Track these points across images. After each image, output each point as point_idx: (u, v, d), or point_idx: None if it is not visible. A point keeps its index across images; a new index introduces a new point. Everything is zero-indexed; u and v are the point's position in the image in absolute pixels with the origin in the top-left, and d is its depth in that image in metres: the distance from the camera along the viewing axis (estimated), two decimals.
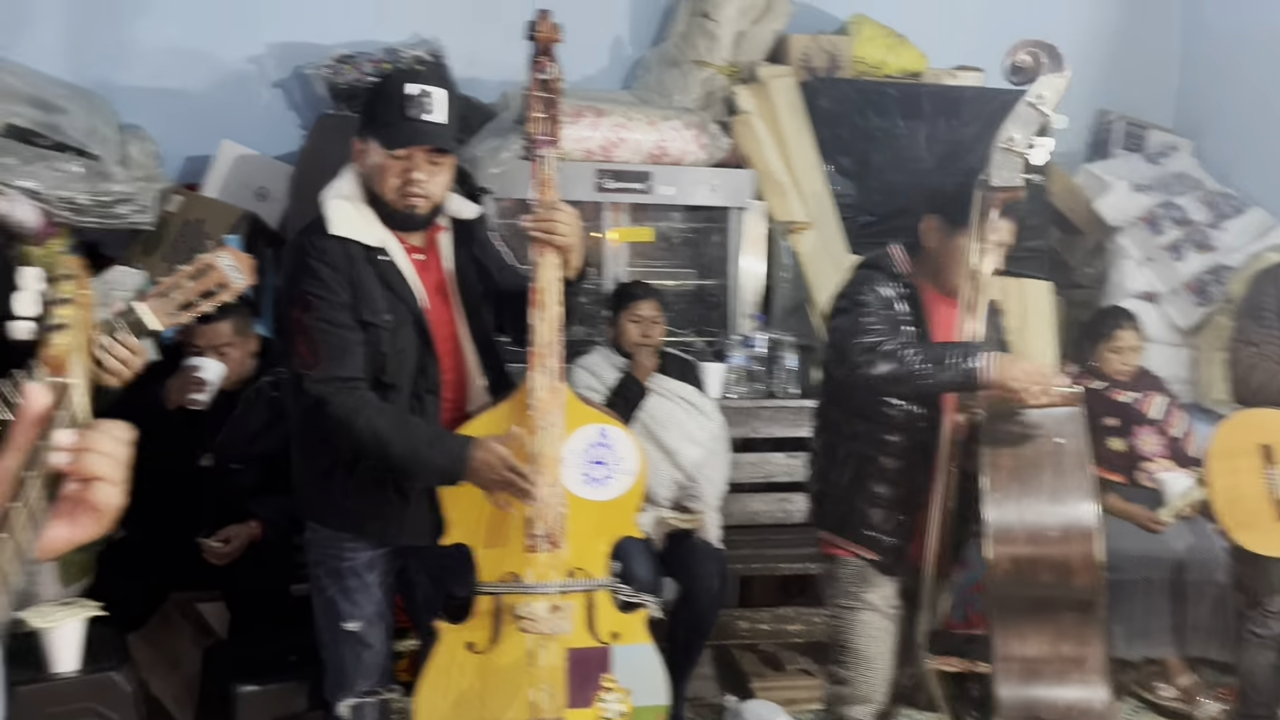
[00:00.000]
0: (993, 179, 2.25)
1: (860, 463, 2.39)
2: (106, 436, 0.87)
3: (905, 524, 2.39)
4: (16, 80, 3.37)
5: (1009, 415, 2.30)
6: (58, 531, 0.86)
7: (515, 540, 2.22)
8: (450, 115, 2.15)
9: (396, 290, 2.17)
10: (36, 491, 0.81)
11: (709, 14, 4.07)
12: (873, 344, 2.23)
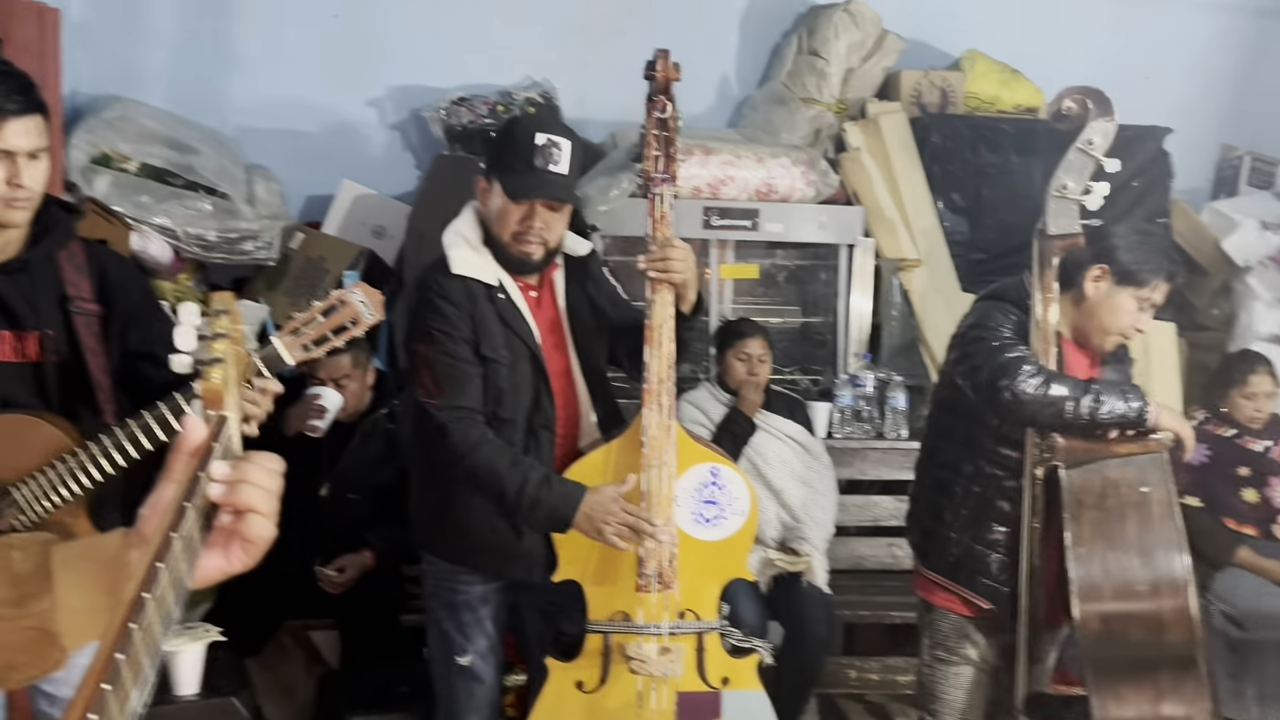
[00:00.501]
0: (1049, 227, 2.24)
1: (979, 504, 2.31)
2: (260, 469, 0.89)
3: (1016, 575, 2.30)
4: (153, 122, 3.55)
5: (1089, 466, 2.20)
6: (211, 561, 0.88)
7: (626, 579, 2.20)
8: (573, 165, 2.17)
9: (513, 327, 2.19)
10: (193, 522, 0.82)
11: (818, 52, 4.06)
12: (1025, 367, 2.15)
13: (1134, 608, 2.13)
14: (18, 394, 1.88)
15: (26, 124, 1.78)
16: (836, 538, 3.42)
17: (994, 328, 2.23)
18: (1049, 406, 2.14)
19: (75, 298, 1.93)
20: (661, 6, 4.17)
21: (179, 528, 0.78)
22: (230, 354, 0.98)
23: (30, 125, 1.78)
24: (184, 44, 3.85)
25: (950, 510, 2.34)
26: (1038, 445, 2.23)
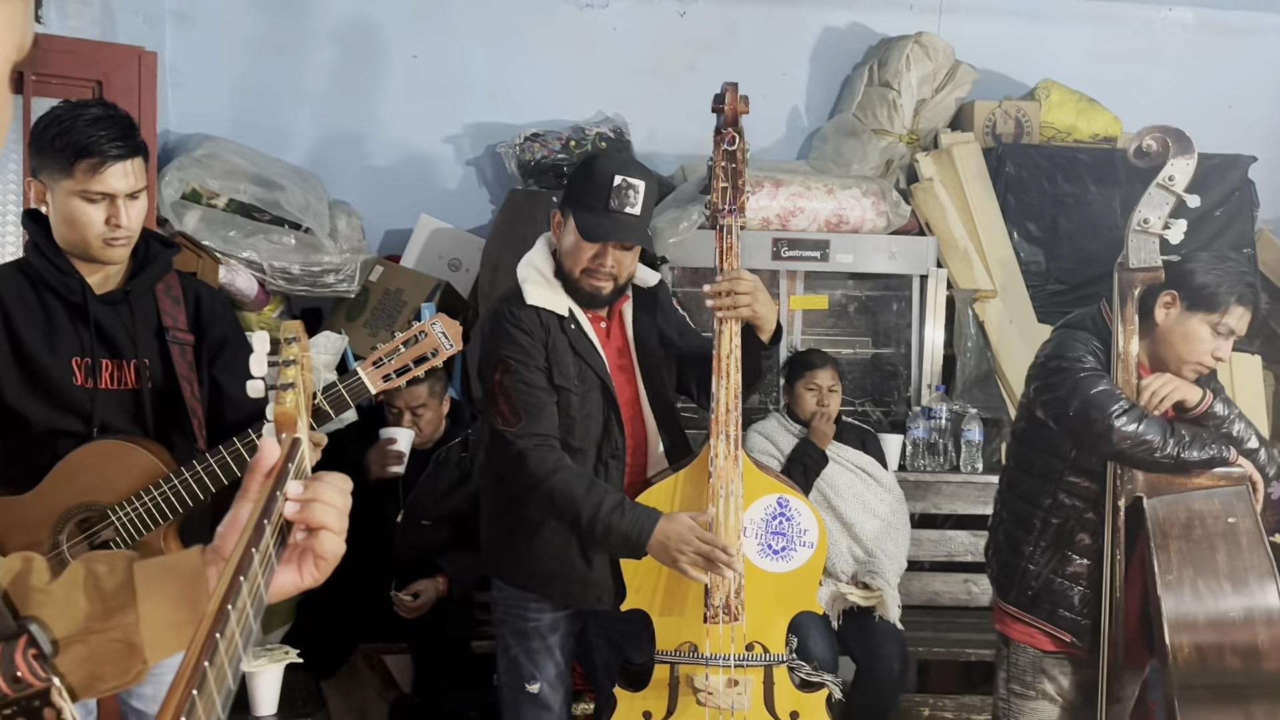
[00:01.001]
0: (1130, 261, 2.24)
1: (1058, 536, 2.28)
2: (331, 488, 0.92)
3: (1097, 608, 2.26)
4: (241, 160, 3.69)
5: (1172, 497, 2.17)
6: (286, 577, 0.92)
7: (693, 610, 2.21)
8: (646, 206, 2.20)
9: (585, 357, 2.23)
10: (270, 538, 0.86)
11: (890, 83, 4.06)
12: (1118, 404, 2.13)
13: (1228, 637, 2.10)
14: (117, 420, 1.97)
15: (126, 167, 1.87)
16: (910, 572, 3.37)
17: (1075, 358, 2.21)
18: (1140, 446, 2.13)
19: (171, 328, 2.02)
20: (733, 43, 4.22)
21: (257, 543, 0.82)
22: (300, 379, 1.02)
23: (130, 168, 1.88)
24: (270, 84, 4.01)
25: (1029, 543, 2.31)
26: (1118, 477, 2.20)
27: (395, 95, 4.09)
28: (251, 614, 0.80)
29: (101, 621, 0.87)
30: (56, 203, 1.88)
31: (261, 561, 0.83)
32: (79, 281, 1.93)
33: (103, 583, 0.89)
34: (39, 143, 1.86)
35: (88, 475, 1.91)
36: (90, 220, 1.87)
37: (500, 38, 4.09)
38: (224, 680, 0.72)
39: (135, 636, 0.88)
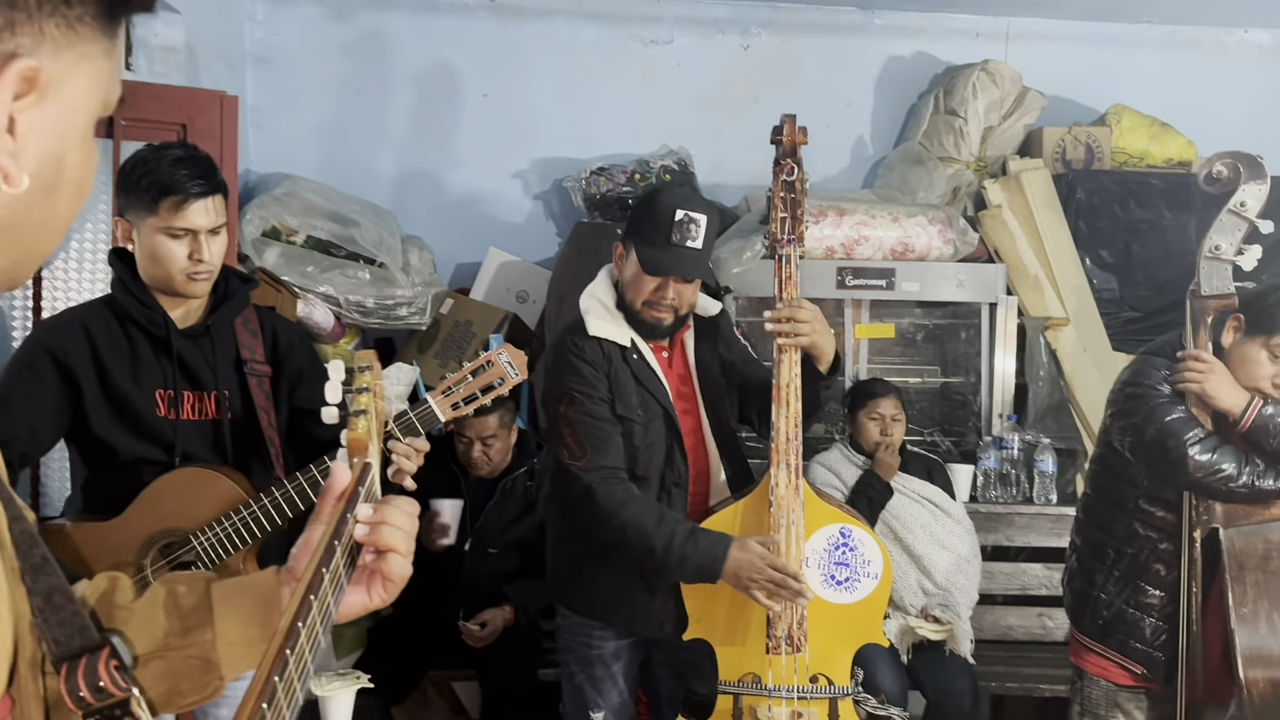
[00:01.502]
0: (1202, 288, 2.21)
1: (1132, 566, 2.23)
2: (399, 512, 0.96)
3: (1172, 641, 2.20)
4: (318, 198, 3.81)
5: (1249, 528, 2.12)
6: (355, 598, 0.95)
7: (755, 640, 2.20)
8: (708, 239, 2.22)
9: (647, 386, 2.26)
10: (340, 558, 0.89)
11: (956, 111, 4.04)
12: (1193, 432, 2.10)
13: None
14: (198, 449, 2.05)
15: (207, 204, 1.96)
16: (982, 606, 3.31)
17: (1151, 385, 2.18)
18: (1214, 475, 2.09)
19: (249, 360, 2.10)
20: (797, 75, 4.25)
21: (328, 563, 0.85)
22: (372, 406, 1.06)
23: (211, 205, 1.97)
24: (346, 125, 4.15)
25: (1101, 572, 2.27)
26: (1194, 507, 2.15)
27: (466, 133, 4.20)
28: (321, 631, 0.83)
29: (180, 639, 0.91)
30: (142, 240, 1.97)
31: (331, 581, 0.87)
32: (162, 316, 2.02)
33: (181, 601, 0.93)
34: (125, 183, 1.96)
35: (171, 502, 1.99)
36: (174, 255, 1.95)
37: (568, 75, 4.18)
38: (293, 694, 0.75)
39: (212, 654, 0.92)
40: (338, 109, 4.15)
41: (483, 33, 4.18)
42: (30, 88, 0.65)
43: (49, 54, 0.65)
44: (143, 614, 0.92)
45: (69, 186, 0.70)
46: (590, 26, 4.21)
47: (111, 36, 0.70)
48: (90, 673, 0.78)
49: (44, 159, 0.67)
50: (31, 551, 0.78)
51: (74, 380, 1.98)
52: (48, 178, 0.68)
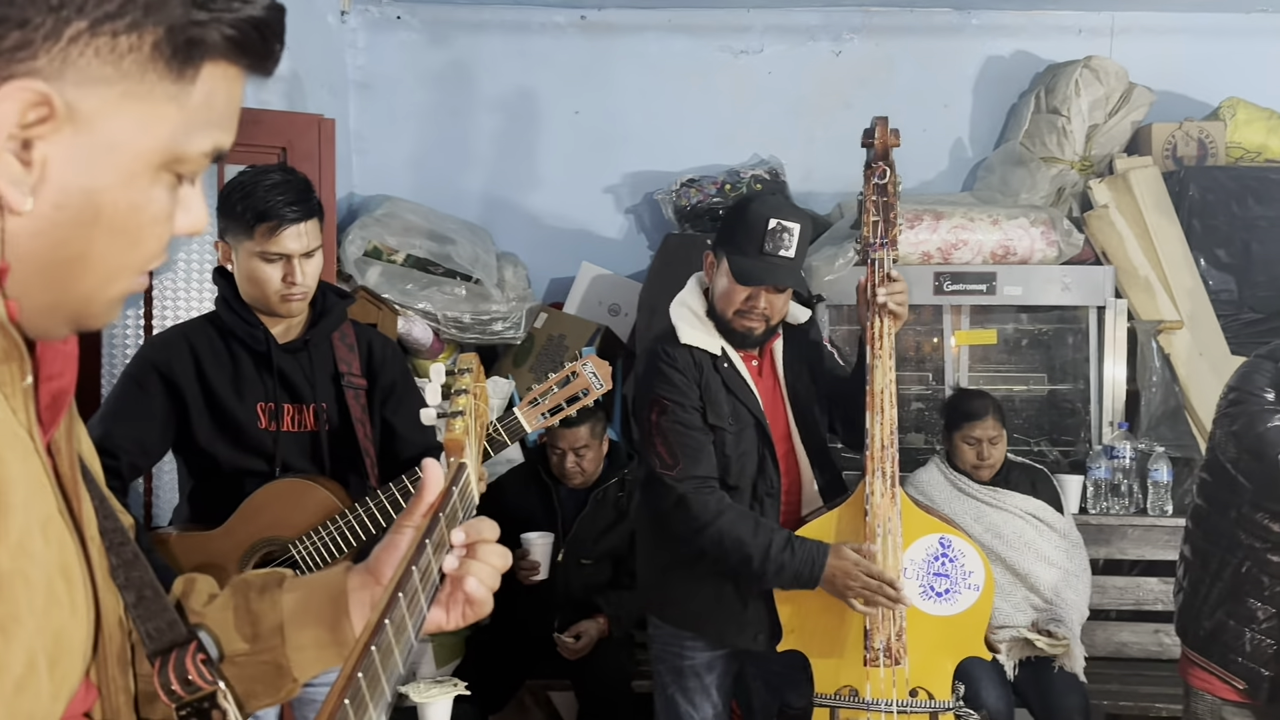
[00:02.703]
0: None
1: (1236, 577, 2.12)
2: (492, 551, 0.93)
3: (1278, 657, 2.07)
4: (416, 217, 3.91)
5: None
6: (433, 614, 0.93)
7: (853, 652, 2.15)
8: (801, 248, 2.19)
9: (738, 395, 2.23)
10: (431, 557, 0.87)
11: (1059, 109, 3.91)
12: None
13: None
14: (296, 460, 2.11)
15: (301, 229, 2.01)
16: (1094, 621, 3.17)
17: (1254, 390, 2.07)
18: None
19: (346, 373, 2.16)
20: (890, 78, 4.18)
21: (418, 561, 0.84)
22: (470, 408, 1.06)
23: (305, 229, 2.02)
24: (444, 146, 4.25)
25: (1205, 582, 2.17)
26: None
27: (558, 150, 4.25)
28: (410, 629, 0.82)
29: (250, 645, 0.91)
30: (240, 262, 2.05)
31: (423, 579, 0.85)
32: (263, 332, 2.09)
33: (252, 606, 0.93)
34: (224, 207, 2.03)
35: (271, 512, 2.05)
36: (269, 278, 2.02)
37: (657, 89, 4.20)
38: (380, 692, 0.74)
39: (282, 658, 0.92)
40: (435, 131, 4.25)
41: (574, 50, 4.23)
42: (48, 114, 0.63)
43: (74, 84, 0.64)
44: (214, 619, 0.93)
45: (109, 226, 0.67)
46: (680, 39, 4.22)
47: (179, 82, 0.67)
48: (179, 666, 0.79)
49: (69, 191, 0.65)
50: (122, 549, 0.80)
51: (179, 395, 2.05)
52: (76, 210, 0.65)
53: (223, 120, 0.71)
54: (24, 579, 0.62)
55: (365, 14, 4.23)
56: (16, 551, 0.61)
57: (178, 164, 0.69)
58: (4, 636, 0.60)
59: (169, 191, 0.70)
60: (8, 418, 0.64)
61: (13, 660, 0.61)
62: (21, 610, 0.61)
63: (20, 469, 0.63)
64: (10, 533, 0.61)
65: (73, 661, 0.67)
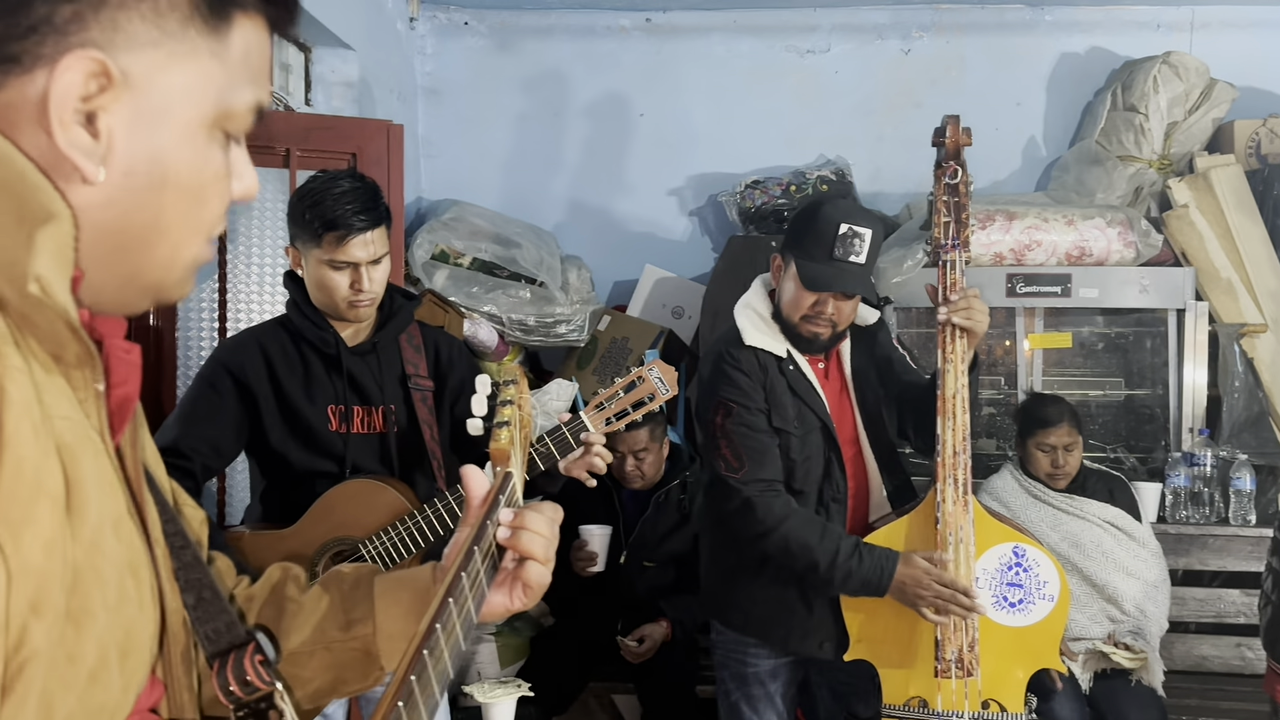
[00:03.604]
0: None
1: None
2: (541, 518, 0.96)
3: None
4: (482, 221, 3.94)
5: None
6: (497, 599, 0.96)
7: (923, 662, 2.11)
8: (872, 254, 2.14)
9: (804, 398, 2.20)
10: (480, 562, 0.90)
11: (1136, 107, 3.81)
12: None
13: None
14: (366, 461, 2.13)
15: (369, 237, 2.03)
16: (1173, 634, 3.07)
17: None
18: None
19: (413, 375, 2.18)
20: (961, 76, 4.11)
21: (466, 567, 0.86)
22: (516, 418, 1.07)
23: (372, 237, 2.03)
24: (508, 151, 4.28)
25: None
26: None
27: (623, 153, 4.25)
28: (460, 633, 0.84)
29: (343, 632, 0.94)
30: (309, 268, 2.07)
31: (471, 584, 0.87)
32: (333, 335, 2.11)
33: (346, 595, 0.96)
34: (293, 214, 2.06)
35: (342, 512, 2.07)
36: (336, 285, 2.04)
37: (723, 90, 4.18)
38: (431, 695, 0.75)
39: (373, 647, 0.95)
40: (500, 136, 4.28)
41: (639, 53, 4.23)
42: (107, 83, 0.64)
43: (124, 49, 0.65)
44: (310, 606, 0.96)
45: (175, 187, 0.68)
46: (745, 40, 4.20)
47: (216, 37, 0.69)
48: (238, 667, 0.81)
49: (136, 156, 0.66)
50: (183, 552, 0.82)
51: (252, 397, 2.09)
52: (145, 176, 0.67)
53: (259, 75, 0.73)
54: (96, 574, 0.63)
55: (433, 20, 4.28)
56: (90, 548, 0.63)
57: (227, 120, 0.71)
58: (77, 628, 0.61)
59: (222, 150, 0.72)
60: (81, 420, 0.65)
61: (86, 652, 0.62)
62: (94, 604, 0.63)
63: (93, 469, 0.65)
64: (84, 529, 0.62)
65: (141, 656, 0.69)
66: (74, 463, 0.62)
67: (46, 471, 0.59)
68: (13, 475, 0.57)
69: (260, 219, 2.98)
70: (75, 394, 0.66)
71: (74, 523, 0.61)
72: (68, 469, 0.62)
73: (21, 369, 0.59)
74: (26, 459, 0.58)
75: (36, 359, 0.63)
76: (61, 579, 0.59)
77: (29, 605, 0.57)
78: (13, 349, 0.60)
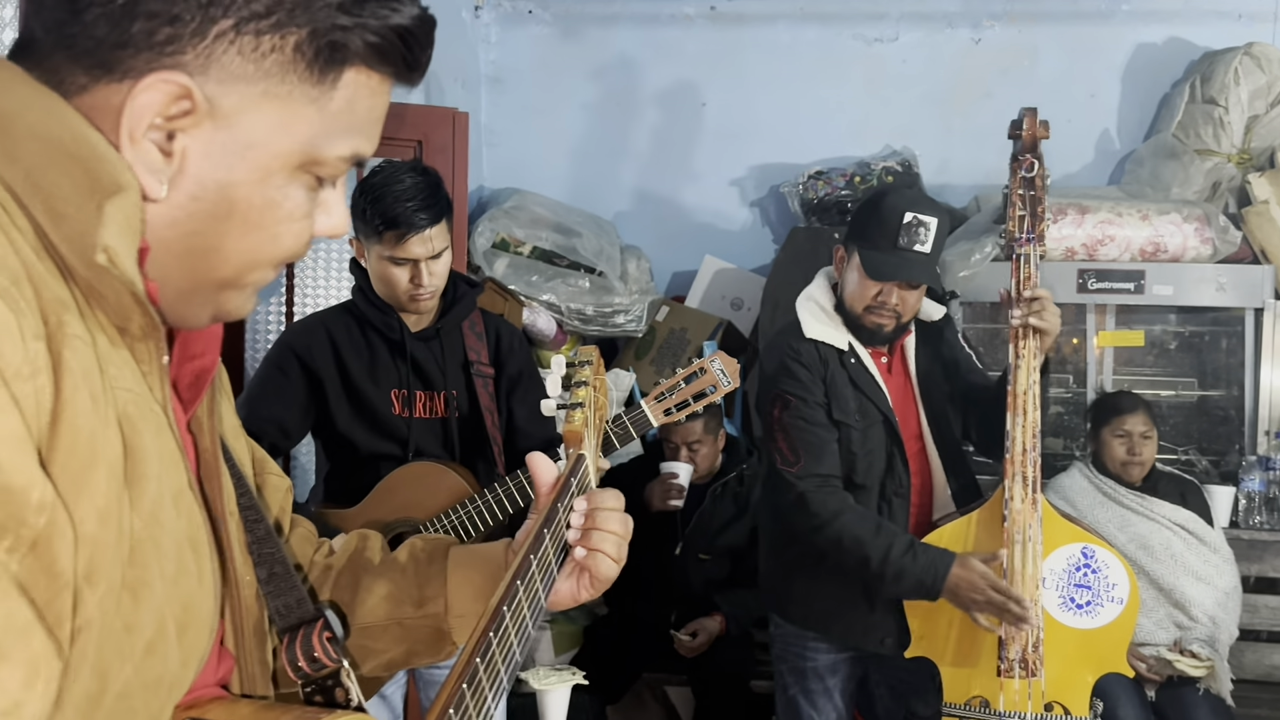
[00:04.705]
0: None
1: None
2: (615, 516, 0.95)
3: None
4: (543, 210, 3.95)
5: None
6: (565, 587, 0.96)
7: (986, 662, 2.07)
8: (937, 244, 2.11)
9: (866, 391, 2.17)
10: (549, 547, 0.90)
11: (1215, 99, 3.69)
12: None
13: None
14: (428, 446, 2.15)
15: (428, 234, 2.03)
16: (1243, 642, 2.98)
17: None
18: None
19: (475, 362, 2.19)
20: (1033, 66, 4.02)
21: (536, 551, 0.86)
22: (590, 400, 1.06)
23: (432, 234, 2.04)
24: (569, 140, 4.28)
25: None
26: None
27: (684, 143, 4.23)
28: (528, 616, 0.84)
29: (416, 608, 0.96)
30: (371, 262, 2.10)
31: (540, 568, 0.87)
32: (398, 321, 2.13)
33: (421, 571, 0.98)
34: (355, 209, 2.07)
35: (404, 493, 2.10)
36: (397, 279, 2.06)
37: (787, 79, 4.13)
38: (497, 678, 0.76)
39: (444, 624, 0.96)
40: (562, 125, 4.28)
41: (703, 41, 4.20)
42: (190, 107, 0.65)
43: (217, 80, 0.65)
44: (386, 578, 0.97)
45: (242, 221, 0.68)
46: (812, 28, 4.14)
47: (320, 85, 0.68)
48: (306, 644, 0.82)
49: (204, 184, 0.66)
50: (257, 527, 0.83)
51: (318, 379, 2.12)
52: (211, 204, 0.67)
53: (364, 127, 0.71)
54: (155, 546, 0.63)
55: (498, 8, 4.29)
56: (149, 520, 0.63)
57: (315, 166, 0.70)
58: (134, 599, 0.61)
59: (307, 192, 0.71)
60: (145, 393, 0.66)
61: (143, 623, 0.62)
62: (152, 575, 0.63)
63: (154, 442, 0.65)
64: (144, 501, 0.63)
65: (199, 631, 0.69)
66: (135, 435, 0.63)
67: (104, 441, 0.60)
68: (69, 443, 0.57)
69: None
70: (140, 367, 0.66)
71: (133, 494, 0.62)
72: (128, 440, 0.62)
73: (82, 338, 0.60)
74: (83, 428, 0.58)
75: (104, 331, 0.63)
76: (117, 549, 0.60)
77: (83, 573, 0.57)
78: (75, 318, 0.60)
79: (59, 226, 0.61)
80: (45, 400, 0.56)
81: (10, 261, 0.57)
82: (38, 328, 0.56)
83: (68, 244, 0.61)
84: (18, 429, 0.53)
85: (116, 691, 0.60)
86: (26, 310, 0.56)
